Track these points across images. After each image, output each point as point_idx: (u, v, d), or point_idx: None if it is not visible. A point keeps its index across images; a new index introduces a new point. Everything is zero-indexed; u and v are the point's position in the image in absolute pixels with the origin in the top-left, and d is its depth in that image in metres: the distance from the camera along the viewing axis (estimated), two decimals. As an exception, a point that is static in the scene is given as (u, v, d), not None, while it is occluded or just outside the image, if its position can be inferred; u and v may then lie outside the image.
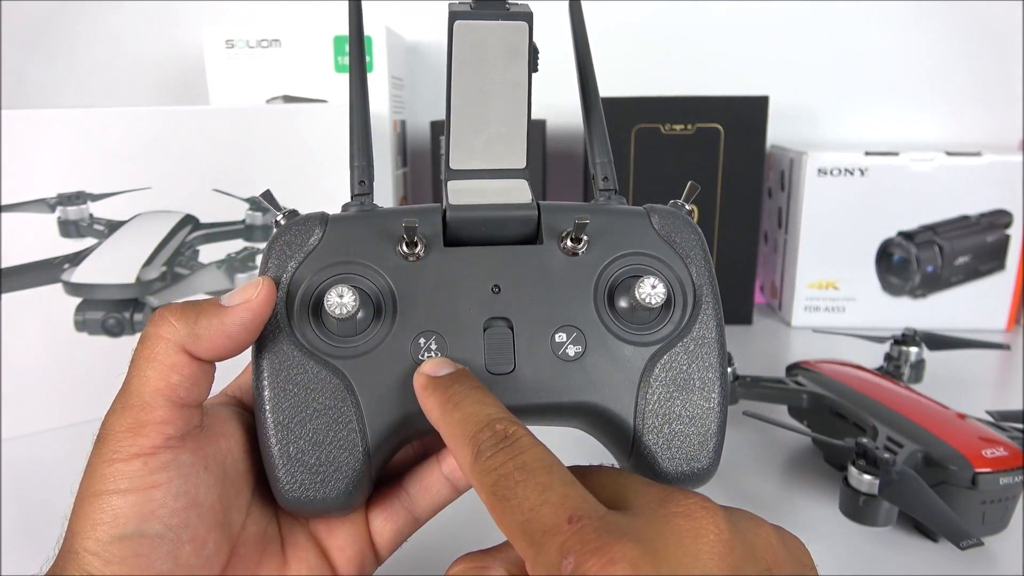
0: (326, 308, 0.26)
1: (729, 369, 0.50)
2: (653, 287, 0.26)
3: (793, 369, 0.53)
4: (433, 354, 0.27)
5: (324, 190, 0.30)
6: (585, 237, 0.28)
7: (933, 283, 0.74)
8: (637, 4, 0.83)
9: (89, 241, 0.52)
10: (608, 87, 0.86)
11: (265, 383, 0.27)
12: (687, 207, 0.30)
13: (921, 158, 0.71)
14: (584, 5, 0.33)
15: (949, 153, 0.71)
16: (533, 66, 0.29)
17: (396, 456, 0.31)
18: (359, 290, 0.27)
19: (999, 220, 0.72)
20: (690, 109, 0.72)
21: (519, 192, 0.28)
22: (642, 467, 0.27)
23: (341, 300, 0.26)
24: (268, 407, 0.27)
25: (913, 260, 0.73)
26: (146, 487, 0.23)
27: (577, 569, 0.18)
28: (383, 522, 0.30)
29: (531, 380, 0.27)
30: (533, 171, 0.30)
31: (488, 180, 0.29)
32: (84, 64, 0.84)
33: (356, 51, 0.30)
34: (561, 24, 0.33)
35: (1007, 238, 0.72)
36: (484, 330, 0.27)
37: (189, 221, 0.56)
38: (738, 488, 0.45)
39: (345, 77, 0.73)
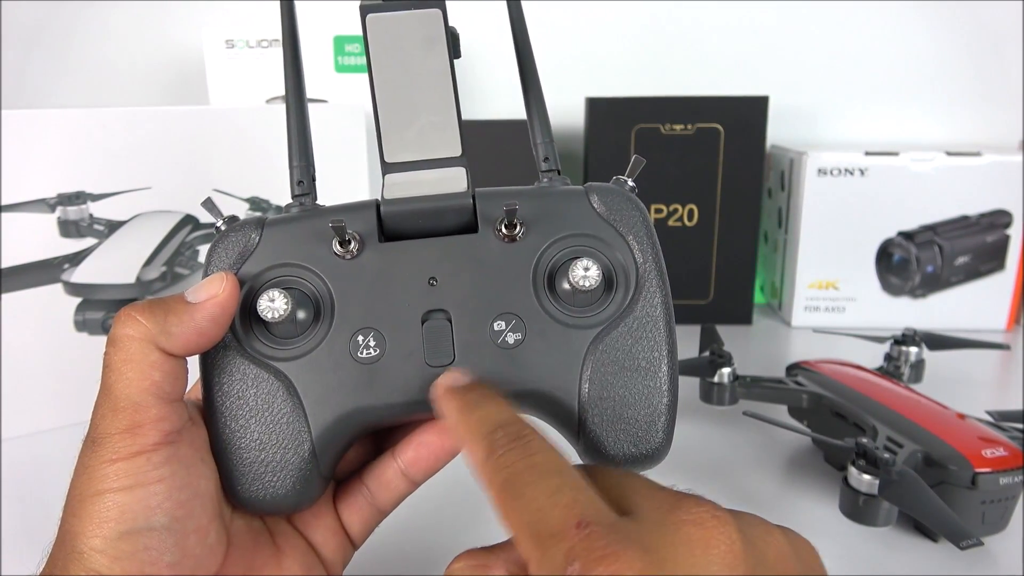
0: (259, 312, 0.26)
1: (728, 369, 0.50)
2: (586, 269, 0.26)
3: (793, 369, 0.53)
4: (372, 351, 0.27)
5: (324, 190, 0.30)
6: (520, 222, 0.27)
7: (933, 283, 0.74)
8: (638, 4, 0.83)
9: (89, 241, 0.52)
10: (608, 87, 0.87)
11: (209, 387, 0.27)
12: (630, 183, 0.29)
13: (921, 158, 0.71)
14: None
15: (949, 153, 0.71)
16: (455, 52, 0.28)
17: (353, 453, 0.32)
18: (296, 292, 0.27)
19: (999, 220, 0.72)
20: (690, 109, 0.72)
21: (455, 181, 0.28)
22: (590, 450, 0.27)
23: (272, 304, 0.26)
24: (214, 410, 0.27)
25: (913, 260, 0.73)
26: (151, 482, 0.24)
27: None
28: (349, 516, 0.31)
29: (472, 370, 0.27)
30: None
31: (425, 171, 0.28)
32: (84, 64, 0.84)
33: (290, 50, 0.31)
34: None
35: (1007, 238, 0.72)
36: (422, 323, 0.27)
37: (189, 221, 0.56)
38: (738, 488, 0.45)
39: (346, 77, 0.73)
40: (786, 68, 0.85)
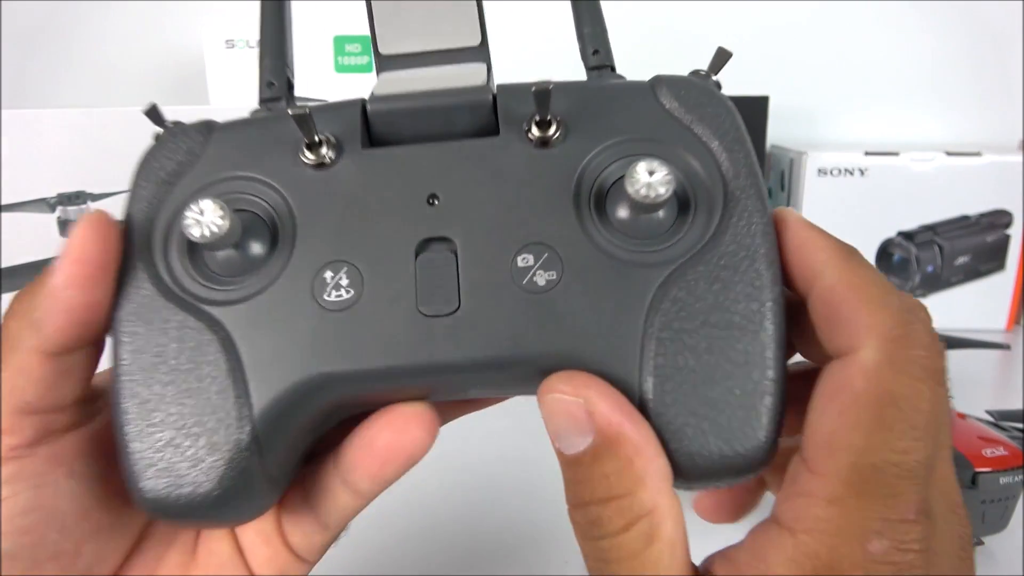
0: (182, 230, 0.19)
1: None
2: (651, 173, 0.18)
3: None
4: (343, 292, 0.19)
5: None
6: (558, 119, 0.20)
7: (933, 283, 0.74)
8: (637, 4, 0.83)
9: (89, 241, 0.52)
10: (608, 87, 0.85)
11: (117, 342, 0.20)
12: (713, 77, 0.23)
13: (921, 158, 0.71)
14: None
15: (949, 153, 0.71)
16: None
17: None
18: (244, 212, 0.20)
19: (999, 220, 0.72)
20: (690, 109, 0.71)
21: (472, 77, 0.21)
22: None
23: (201, 218, 0.18)
24: (118, 373, 0.20)
25: (913, 260, 0.73)
26: None
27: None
28: (289, 525, 0.24)
29: (483, 324, 0.19)
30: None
31: (432, 68, 0.21)
32: (84, 64, 0.84)
33: None
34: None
35: (1007, 238, 0.72)
36: (416, 256, 0.20)
37: (189, 221, 0.56)
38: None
39: (346, 77, 0.73)
40: (786, 68, 0.84)
